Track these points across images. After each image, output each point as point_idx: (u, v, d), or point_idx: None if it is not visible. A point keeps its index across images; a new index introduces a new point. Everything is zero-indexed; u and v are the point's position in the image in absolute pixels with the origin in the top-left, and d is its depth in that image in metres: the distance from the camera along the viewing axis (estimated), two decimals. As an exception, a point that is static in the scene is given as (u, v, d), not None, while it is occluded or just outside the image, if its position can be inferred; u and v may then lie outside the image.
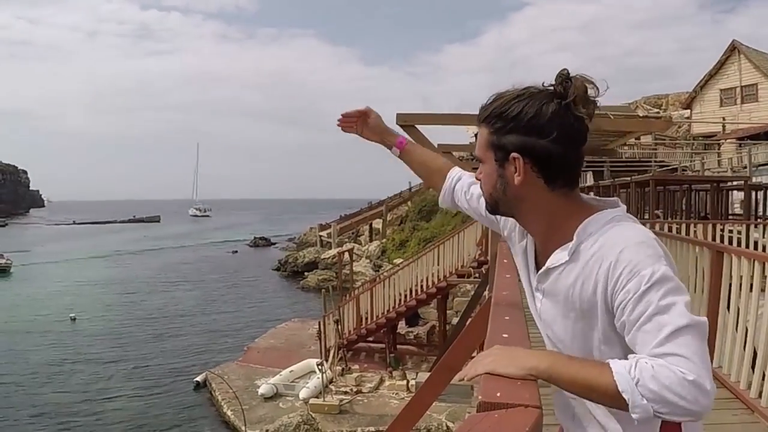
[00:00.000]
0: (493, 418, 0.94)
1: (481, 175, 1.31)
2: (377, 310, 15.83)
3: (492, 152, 1.25)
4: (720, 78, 29.95)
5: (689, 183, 18.09)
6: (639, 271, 1.11)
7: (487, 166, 1.28)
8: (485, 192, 1.32)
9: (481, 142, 1.28)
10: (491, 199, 1.31)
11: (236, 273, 39.02)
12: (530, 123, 1.19)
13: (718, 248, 4.60)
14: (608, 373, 1.06)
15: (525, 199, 1.25)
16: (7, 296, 30.36)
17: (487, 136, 1.25)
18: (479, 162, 1.32)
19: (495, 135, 1.24)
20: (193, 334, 21.96)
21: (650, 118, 8.72)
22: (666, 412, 1.04)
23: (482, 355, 1.21)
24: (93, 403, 14.75)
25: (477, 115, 1.30)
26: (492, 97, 1.27)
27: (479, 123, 1.29)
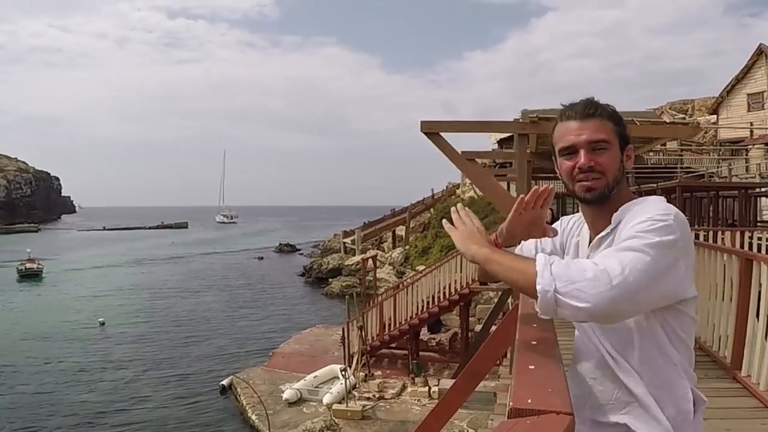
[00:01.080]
0: (525, 424, 0.95)
1: (603, 161, 1.46)
2: (400, 317, 15.82)
3: (617, 140, 1.48)
4: (747, 82, 29.37)
5: (716, 189, 17.77)
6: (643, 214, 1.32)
7: (615, 150, 1.48)
8: (612, 173, 1.46)
9: (607, 131, 1.47)
10: (615, 181, 1.47)
11: (262, 279, 39.32)
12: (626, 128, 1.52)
13: (747, 256, 4.54)
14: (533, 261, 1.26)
15: (622, 182, 1.49)
16: (39, 300, 31.01)
17: (613, 128, 1.48)
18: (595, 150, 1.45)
19: (620, 128, 1.49)
20: (219, 339, 22.17)
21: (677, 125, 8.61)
22: (565, 291, 1.17)
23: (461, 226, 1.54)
24: (120, 406, 14.97)
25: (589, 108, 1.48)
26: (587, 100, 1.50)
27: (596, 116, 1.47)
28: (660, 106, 39.06)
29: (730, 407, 3.89)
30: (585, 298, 1.16)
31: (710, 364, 4.77)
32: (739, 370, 4.32)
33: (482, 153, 16.57)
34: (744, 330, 4.30)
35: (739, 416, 3.76)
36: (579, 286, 1.17)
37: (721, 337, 4.80)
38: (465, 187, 37.63)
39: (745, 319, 4.29)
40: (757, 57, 28.83)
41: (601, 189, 1.46)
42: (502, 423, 1.00)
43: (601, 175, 1.45)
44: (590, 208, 1.53)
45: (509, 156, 19.30)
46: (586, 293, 1.16)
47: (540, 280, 1.20)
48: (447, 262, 15.93)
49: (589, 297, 1.16)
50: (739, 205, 16.42)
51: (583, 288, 1.16)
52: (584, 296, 1.16)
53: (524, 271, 1.26)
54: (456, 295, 15.41)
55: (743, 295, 4.33)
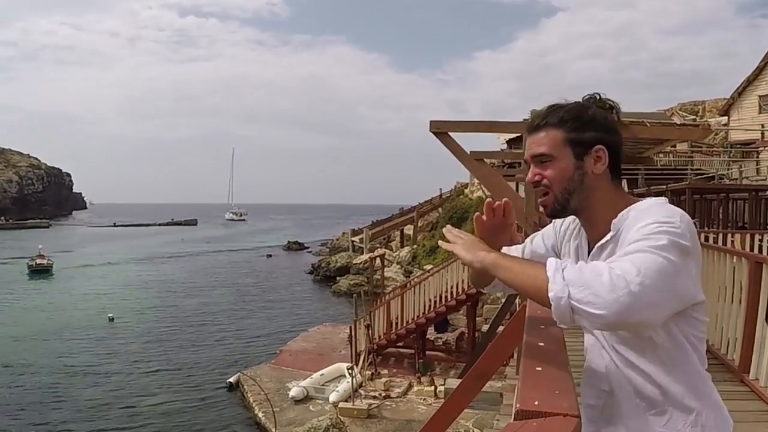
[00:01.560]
0: (532, 426, 0.95)
1: (548, 174, 1.41)
2: (407, 316, 15.83)
3: (569, 148, 1.40)
4: (758, 84, 29.13)
5: (727, 191, 17.66)
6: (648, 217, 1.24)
7: (562, 162, 1.40)
8: (557, 188, 1.41)
9: (550, 142, 1.41)
10: (565, 193, 1.41)
11: (270, 276, 39.44)
12: (605, 122, 1.41)
13: (756, 259, 4.52)
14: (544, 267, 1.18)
15: (596, 188, 1.41)
16: (49, 296, 31.23)
17: (562, 136, 1.40)
18: (541, 163, 1.42)
19: (574, 133, 1.39)
20: (227, 336, 22.26)
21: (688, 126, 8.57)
22: (579, 298, 1.09)
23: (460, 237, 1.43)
24: (128, 402, 15.06)
25: (534, 121, 1.44)
26: (548, 107, 1.44)
27: (541, 127, 1.42)
28: (670, 108, 38.82)
29: (738, 410, 3.88)
30: (602, 304, 1.07)
31: (718, 367, 4.75)
32: (748, 374, 4.30)
33: (491, 153, 16.55)
34: (752, 333, 4.28)
35: (748, 419, 3.75)
36: (595, 291, 1.08)
37: (730, 340, 4.78)
38: (473, 186, 37.55)
39: (754, 323, 4.27)
40: (769, 58, 28.59)
41: (551, 204, 1.43)
42: (508, 425, 1.00)
43: (547, 189, 1.42)
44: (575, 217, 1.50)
45: (518, 156, 19.25)
46: (603, 299, 1.07)
47: (552, 286, 1.12)
48: (454, 262, 15.90)
49: (607, 303, 1.07)
50: (750, 208, 16.31)
51: (599, 293, 1.07)
52: (601, 302, 1.07)
53: (535, 277, 1.18)
54: (463, 295, 15.39)
55: (752, 298, 4.31)
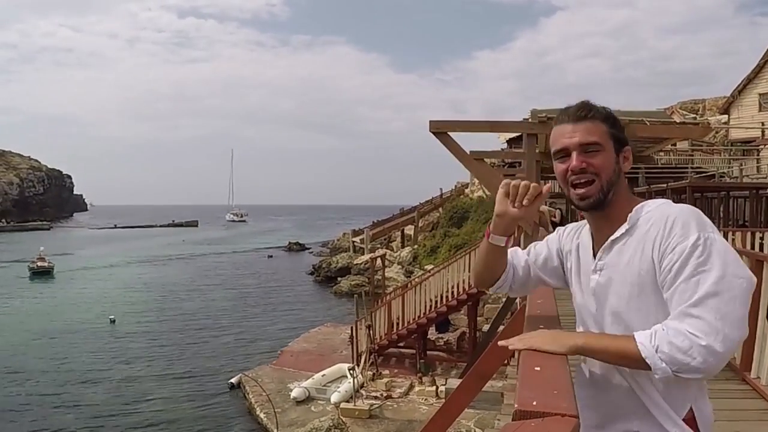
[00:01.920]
0: (530, 426, 0.95)
1: (596, 163, 1.46)
2: (408, 316, 15.82)
3: (612, 143, 1.48)
4: (758, 82, 29.12)
5: (727, 190, 17.65)
6: (688, 236, 1.31)
7: (609, 153, 1.48)
8: (605, 176, 1.46)
9: (601, 133, 1.47)
10: (609, 184, 1.46)
11: (271, 277, 39.44)
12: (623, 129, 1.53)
13: (757, 257, 4.51)
14: (633, 343, 1.28)
15: (621, 185, 1.49)
16: (50, 298, 31.25)
17: (608, 130, 1.48)
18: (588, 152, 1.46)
19: (615, 129, 1.49)
20: (228, 337, 22.26)
21: (688, 125, 8.57)
22: (679, 371, 1.24)
23: (528, 334, 1.46)
24: (130, 403, 15.06)
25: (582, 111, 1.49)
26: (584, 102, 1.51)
27: (589, 118, 1.48)
28: (671, 106, 38.81)
29: (739, 409, 3.87)
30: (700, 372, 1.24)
31: (719, 366, 4.74)
32: (749, 372, 4.29)
33: (491, 153, 16.56)
34: (754, 332, 4.27)
35: (749, 418, 3.74)
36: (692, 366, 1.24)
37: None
38: (474, 186, 37.58)
39: (755, 321, 4.26)
40: (769, 56, 28.57)
41: (595, 194, 1.46)
42: (506, 425, 0.99)
43: (594, 177, 1.45)
44: (590, 214, 1.53)
45: (518, 156, 19.24)
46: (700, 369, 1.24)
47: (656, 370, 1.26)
48: (455, 262, 15.91)
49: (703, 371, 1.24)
50: (750, 206, 16.31)
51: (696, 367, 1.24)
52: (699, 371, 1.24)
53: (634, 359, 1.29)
54: (464, 295, 15.38)
55: (753, 296, 4.30)
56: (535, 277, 1.75)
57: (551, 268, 1.72)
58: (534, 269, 1.74)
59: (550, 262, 1.72)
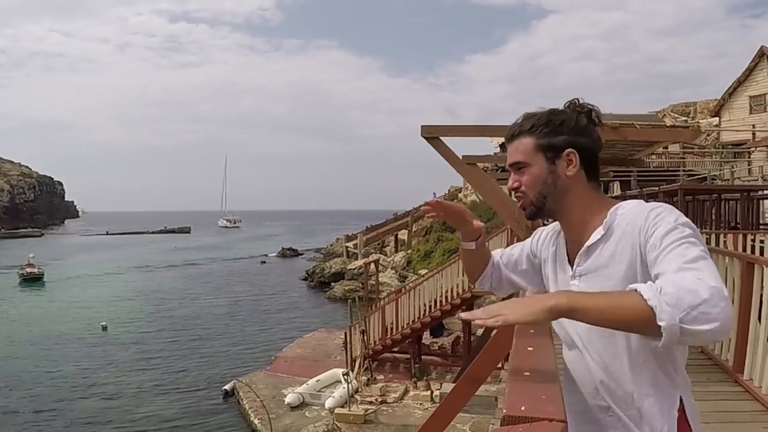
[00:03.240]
0: (518, 431, 0.95)
1: (523, 180, 1.49)
2: (402, 321, 15.81)
3: (541, 154, 1.46)
4: (749, 85, 29.35)
5: (719, 192, 17.74)
6: (665, 218, 1.30)
7: (535, 168, 1.47)
8: (532, 192, 1.48)
9: (524, 150, 1.48)
10: (540, 197, 1.48)
11: (264, 283, 39.36)
12: (576, 126, 1.46)
13: (748, 259, 4.53)
14: (632, 292, 1.14)
15: (571, 190, 1.47)
16: (41, 305, 31.06)
17: (534, 142, 1.47)
18: (518, 170, 1.50)
19: (544, 138, 1.46)
20: (222, 343, 22.18)
21: (678, 128, 8.59)
22: (689, 320, 1.07)
23: (496, 304, 1.19)
24: (123, 410, 14.98)
25: (511, 131, 1.51)
26: (523, 116, 1.51)
27: (516, 136, 1.50)
28: (662, 109, 38.94)
29: (732, 411, 3.88)
30: (712, 318, 1.07)
31: (712, 368, 4.76)
32: (741, 374, 4.30)
33: (483, 157, 16.51)
34: (746, 333, 4.29)
35: (741, 420, 3.75)
36: (703, 310, 1.07)
37: (723, 341, 4.79)
38: (467, 191, 37.66)
39: (747, 323, 4.28)
40: (759, 59, 28.81)
41: (527, 207, 1.51)
42: (495, 430, 0.99)
43: (523, 194, 1.50)
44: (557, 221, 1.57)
45: (511, 159, 19.26)
46: (711, 314, 1.07)
47: (662, 315, 1.08)
48: (449, 266, 15.92)
49: (715, 317, 1.07)
50: (742, 208, 16.39)
51: (706, 310, 1.08)
52: (711, 317, 1.07)
53: (634, 309, 1.12)
54: (458, 299, 15.39)
55: (745, 298, 4.32)
56: (505, 277, 1.76)
57: (520, 271, 1.73)
58: (504, 270, 1.76)
59: (519, 265, 1.73)
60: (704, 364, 4.85)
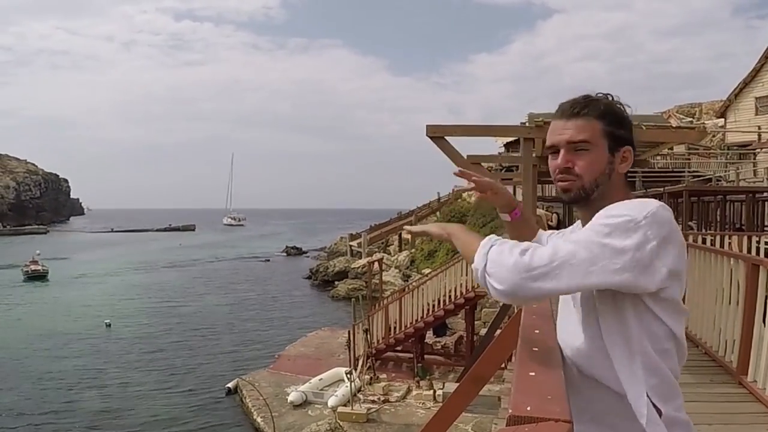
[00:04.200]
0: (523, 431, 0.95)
1: (580, 162, 1.43)
2: (406, 320, 15.80)
3: (606, 141, 1.43)
4: (755, 86, 29.22)
5: (724, 193, 17.69)
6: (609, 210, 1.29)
7: (598, 152, 1.43)
8: (587, 177, 1.43)
9: (591, 131, 1.42)
10: (594, 184, 1.43)
11: (268, 281, 39.42)
12: (630, 125, 1.47)
13: (753, 261, 4.52)
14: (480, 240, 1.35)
15: (617, 187, 1.45)
16: (46, 302, 31.17)
17: (602, 128, 1.42)
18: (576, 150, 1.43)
19: (611, 127, 1.43)
20: (225, 341, 22.23)
21: (684, 129, 8.58)
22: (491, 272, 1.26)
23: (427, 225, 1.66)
24: (126, 408, 15.01)
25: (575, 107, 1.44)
26: (584, 97, 1.46)
27: (582, 115, 1.43)
28: (668, 110, 38.82)
29: (735, 412, 3.88)
30: (503, 280, 1.24)
31: (716, 369, 4.75)
32: (746, 375, 4.30)
33: (488, 157, 16.54)
34: (750, 335, 4.28)
35: (745, 422, 3.75)
36: (500, 271, 1.24)
37: (728, 342, 4.78)
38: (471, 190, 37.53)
39: (752, 324, 4.27)
40: (765, 60, 28.68)
41: (576, 191, 1.44)
42: (500, 430, 1.00)
43: (576, 178, 1.43)
44: (578, 209, 1.51)
45: (515, 160, 19.27)
46: (505, 278, 1.23)
47: (476, 257, 1.30)
48: (453, 266, 15.91)
49: (507, 282, 1.23)
50: (747, 210, 16.35)
51: (503, 273, 1.24)
52: (502, 279, 1.24)
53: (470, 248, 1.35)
54: (461, 299, 15.38)
55: (749, 300, 4.31)
56: None
57: None
58: None
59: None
60: (708, 366, 4.85)
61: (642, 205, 1.28)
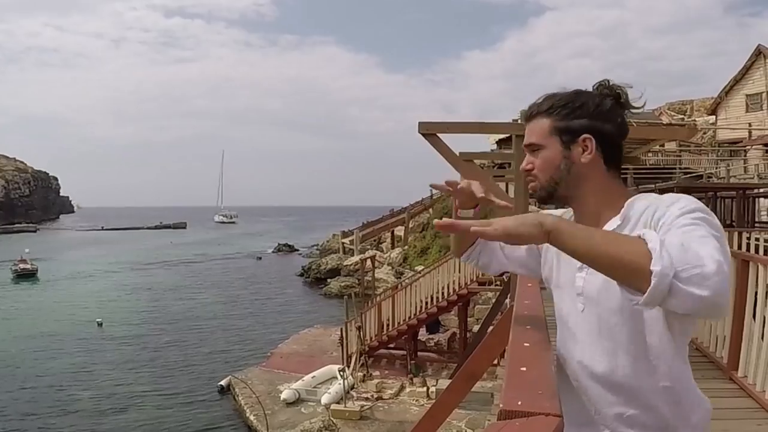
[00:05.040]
0: (514, 426, 0.95)
1: (536, 163, 1.43)
2: (398, 317, 15.82)
3: (557, 137, 1.39)
4: (746, 83, 29.43)
5: (715, 190, 17.80)
6: (683, 202, 1.19)
7: (549, 151, 1.40)
8: (543, 177, 1.42)
9: (539, 131, 1.41)
10: (551, 182, 1.41)
11: (260, 279, 39.34)
12: (597, 110, 1.38)
13: (743, 257, 4.54)
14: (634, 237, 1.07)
15: (587, 178, 1.39)
16: (35, 301, 30.96)
17: (550, 124, 1.40)
18: (533, 151, 1.43)
19: (562, 121, 1.39)
20: (217, 339, 22.16)
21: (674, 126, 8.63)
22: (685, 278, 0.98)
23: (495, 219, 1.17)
24: (118, 406, 14.95)
25: (529, 111, 1.45)
26: (544, 96, 1.44)
27: (534, 116, 1.43)
28: (659, 107, 39.08)
29: (726, 408, 3.89)
30: (708, 285, 0.98)
31: (707, 365, 4.77)
32: (736, 371, 4.32)
33: (480, 154, 16.59)
34: (741, 331, 4.30)
35: (736, 417, 3.76)
36: (701, 272, 0.98)
37: (718, 338, 4.81)
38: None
39: (742, 320, 4.29)
40: (755, 58, 28.90)
41: (538, 191, 1.45)
42: (491, 425, 1.00)
43: (534, 177, 1.44)
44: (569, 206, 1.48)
45: (507, 157, 19.32)
46: (709, 280, 0.98)
47: (659, 260, 0.98)
48: (445, 263, 15.94)
49: (710, 285, 0.98)
50: (737, 206, 16.45)
51: (705, 274, 0.98)
52: (707, 283, 0.98)
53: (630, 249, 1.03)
54: (454, 296, 15.42)
55: (740, 295, 4.33)
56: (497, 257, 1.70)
57: (516, 256, 1.67)
58: (498, 250, 1.70)
59: (517, 249, 1.65)
60: (699, 362, 4.87)
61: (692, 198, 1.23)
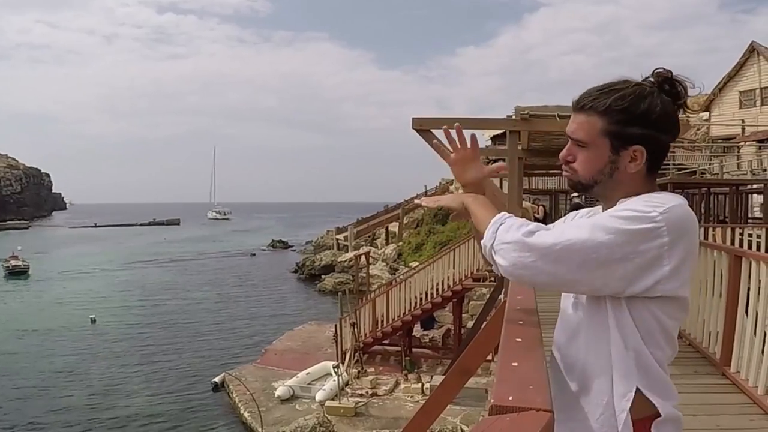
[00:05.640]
0: (505, 421, 0.95)
1: (579, 157, 1.37)
2: (393, 314, 15.84)
3: (608, 140, 1.33)
4: (739, 80, 29.54)
5: (708, 186, 17.88)
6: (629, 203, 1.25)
7: (596, 151, 1.34)
8: (583, 174, 1.37)
9: (589, 129, 1.34)
10: (590, 181, 1.38)
11: (254, 275, 39.29)
12: (657, 120, 1.31)
13: (736, 252, 4.55)
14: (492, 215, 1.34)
15: (625, 184, 1.35)
16: (28, 298, 30.85)
17: (603, 126, 1.32)
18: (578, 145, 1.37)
19: (616, 126, 1.31)
20: (211, 336, 22.14)
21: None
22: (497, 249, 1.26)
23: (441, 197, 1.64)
24: (112, 403, 14.94)
25: (581, 101, 1.36)
26: (601, 87, 1.34)
27: (585, 110, 1.34)
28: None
29: (719, 403, 3.91)
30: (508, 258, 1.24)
31: (700, 360, 4.79)
32: (729, 366, 4.34)
33: (475, 150, 16.56)
34: (733, 326, 4.32)
35: (729, 412, 3.78)
36: (507, 248, 1.24)
37: (711, 334, 4.82)
38: (458, 183, 37.66)
39: (735, 316, 4.31)
40: (749, 54, 29.01)
41: (574, 182, 1.42)
42: (482, 420, 0.99)
43: (573, 171, 1.39)
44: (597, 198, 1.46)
45: (501, 153, 19.31)
46: (510, 256, 1.24)
47: (486, 233, 1.30)
48: (440, 259, 15.96)
49: (511, 259, 1.23)
50: (730, 202, 16.54)
51: (509, 250, 1.24)
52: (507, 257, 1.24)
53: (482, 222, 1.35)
54: (449, 292, 15.44)
55: (732, 291, 4.34)
56: None
57: None
58: None
59: None
60: (692, 357, 4.89)
61: (661, 199, 1.24)
